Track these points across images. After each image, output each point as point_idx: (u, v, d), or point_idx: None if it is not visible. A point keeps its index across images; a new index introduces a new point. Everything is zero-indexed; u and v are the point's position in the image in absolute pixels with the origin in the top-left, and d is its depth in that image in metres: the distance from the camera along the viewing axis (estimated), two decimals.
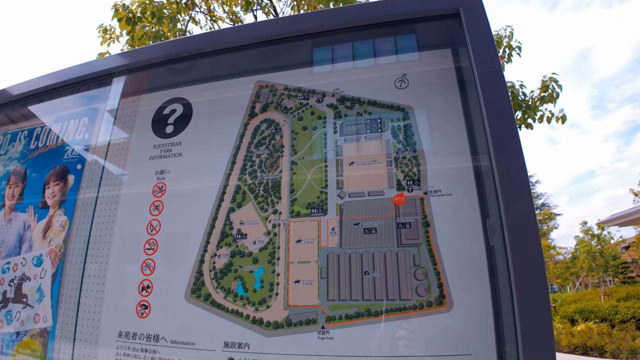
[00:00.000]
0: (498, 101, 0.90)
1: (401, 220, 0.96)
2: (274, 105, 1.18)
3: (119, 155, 1.29)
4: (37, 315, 1.22)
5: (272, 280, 0.99)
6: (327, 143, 1.08)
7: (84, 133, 1.41)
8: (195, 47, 1.28)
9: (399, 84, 1.09)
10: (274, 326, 0.95)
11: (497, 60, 0.95)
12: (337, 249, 0.97)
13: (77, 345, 1.12)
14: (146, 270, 1.11)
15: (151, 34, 5.05)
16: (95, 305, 1.14)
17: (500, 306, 0.84)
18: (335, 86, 1.15)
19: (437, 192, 0.96)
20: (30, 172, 1.47)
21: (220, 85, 1.28)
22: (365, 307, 0.91)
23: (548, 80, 5.68)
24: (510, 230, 0.80)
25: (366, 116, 1.09)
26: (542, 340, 0.74)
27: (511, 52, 5.94)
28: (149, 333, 1.05)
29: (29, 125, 1.58)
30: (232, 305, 1.00)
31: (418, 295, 0.89)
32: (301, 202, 1.04)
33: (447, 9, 1.06)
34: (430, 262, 0.91)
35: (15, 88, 1.57)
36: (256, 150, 1.14)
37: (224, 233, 1.08)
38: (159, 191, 1.19)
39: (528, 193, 0.82)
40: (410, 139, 1.03)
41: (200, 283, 1.04)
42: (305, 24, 1.18)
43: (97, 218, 1.23)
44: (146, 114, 1.32)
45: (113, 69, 1.40)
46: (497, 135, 0.88)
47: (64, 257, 1.23)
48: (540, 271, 0.77)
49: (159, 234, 1.14)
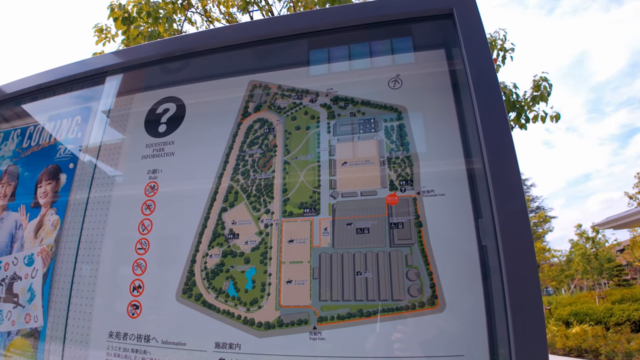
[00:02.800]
0: (491, 101, 0.90)
1: (394, 220, 0.95)
2: (268, 105, 1.18)
3: (111, 155, 1.28)
4: (27, 315, 1.21)
5: (263, 281, 0.98)
6: (320, 143, 1.08)
7: (76, 132, 1.40)
8: (189, 46, 1.27)
9: (393, 84, 1.09)
10: (266, 327, 0.94)
11: (490, 61, 0.95)
12: (329, 249, 0.97)
13: (67, 345, 1.11)
14: (137, 270, 1.10)
15: (146, 34, 5.04)
16: (86, 305, 1.13)
17: (493, 307, 0.84)
18: (329, 86, 1.14)
19: (429, 192, 0.96)
20: (22, 171, 1.46)
21: (214, 84, 1.28)
22: (357, 308, 0.90)
23: (539, 79, 5.74)
24: (503, 231, 0.80)
25: (359, 116, 1.08)
26: (534, 340, 0.74)
27: (505, 55, 5.98)
28: (140, 333, 1.04)
29: (21, 124, 1.57)
30: (223, 306, 0.99)
31: (410, 296, 0.88)
32: (294, 202, 1.04)
33: (440, 9, 1.06)
34: (422, 262, 0.90)
35: (8, 86, 1.56)
36: (249, 150, 1.13)
37: (215, 233, 1.07)
38: (151, 190, 1.18)
39: (521, 193, 0.82)
40: (403, 139, 1.03)
41: (192, 283, 1.04)
42: (299, 23, 1.17)
43: (88, 217, 1.22)
44: (139, 113, 1.31)
45: (106, 67, 1.39)
46: (490, 135, 0.87)
47: (55, 256, 1.22)
48: (532, 271, 0.77)
49: (151, 233, 1.13)
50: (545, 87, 5.62)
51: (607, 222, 13.89)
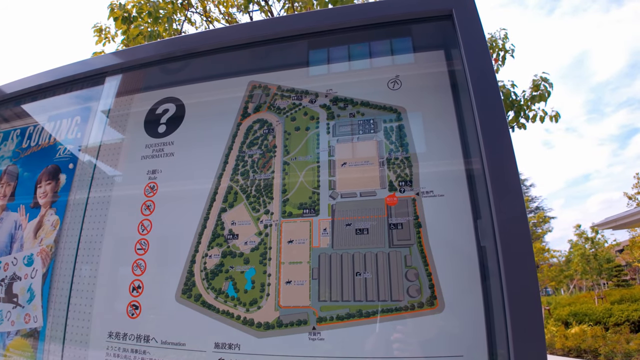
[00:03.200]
0: (490, 102, 0.90)
1: (393, 221, 0.95)
2: (267, 106, 1.18)
3: (111, 155, 1.28)
4: (27, 315, 1.21)
5: (263, 281, 0.98)
6: (320, 143, 1.08)
7: (76, 132, 1.40)
8: (189, 46, 1.27)
9: (392, 85, 1.09)
10: (265, 327, 0.94)
11: (489, 62, 0.95)
12: (328, 250, 0.97)
13: (67, 345, 1.11)
14: (137, 270, 1.10)
15: (146, 34, 5.04)
16: (86, 306, 1.13)
17: (492, 307, 0.84)
18: (328, 87, 1.14)
19: (429, 193, 0.96)
20: (22, 172, 1.46)
21: (213, 85, 1.28)
22: (356, 308, 0.90)
23: (539, 79, 5.71)
24: (502, 231, 0.80)
25: (359, 117, 1.08)
26: (533, 340, 0.74)
27: (505, 55, 5.97)
28: (140, 334, 1.04)
29: (21, 124, 1.57)
30: (222, 306, 0.99)
31: (409, 296, 0.89)
32: (293, 203, 1.04)
33: (440, 10, 1.06)
34: (421, 263, 0.90)
35: (8, 87, 1.56)
36: (248, 151, 1.13)
37: (215, 233, 1.07)
38: (150, 191, 1.18)
39: (520, 194, 0.83)
40: (402, 140, 1.03)
41: (191, 283, 1.04)
42: (299, 24, 1.18)
43: (88, 217, 1.22)
44: (139, 114, 1.31)
45: (106, 68, 1.39)
46: (489, 136, 0.88)
47: (54, 256, 1.22)
48: (531, 272, 0.77)
49: (150, 234, 1.13)
50: (545, 87, 5.61)
51: (607, 222, 13.91)
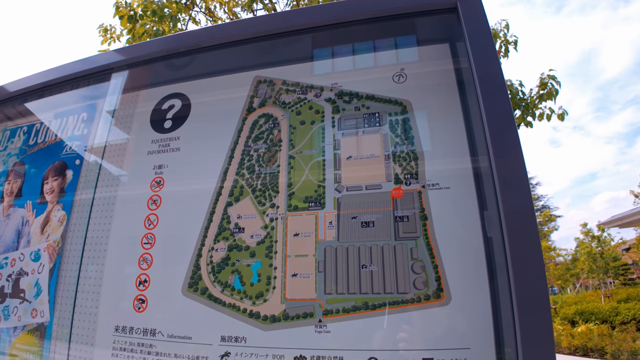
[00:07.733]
0: (495, 94, 0.90)
1: (399, 213, 0.95)
2: (272, 100, 1.18)
3: (117, 151, 1.29)
4: (34, 310, 1.22)
5: (269, 274, 0.98)
6: (325, 137, 1.08)
7: (82, 129, 1.41)
8: (194, 42, 1.28)
9: (397, 78, 1.09)
10: (271, 320, 0.95)
11: (495, 54, 0.94)
12: (334, 243, 0.97)
13: (73, 339, 1.12)
14: (143, 264, 1.10)
15: (152, 32, 5.05)
16: (92, 300, 1.13)
17: (499, 299, 0.83)
18: (333, 81, 1.14)
19: (434, 185, 0.96)
20: (29, 168, 1.47)
21: (219, 80, 1.28)
22: (362, 301, 0.90)
23: (546, 77, 5.65)
24: (508, 223, 0.80)
25: (364, 111, 1.08)
26: (540, 332, 0.74)
27: (507, 47, 5.91)
28: (146, 327, 1.05)
29: (28, 122, 1.58)
30: (229, 299, 0.99)
31: (416, 289, 0.88)
32: (299, 196, 1.04)
33: (444, 3, 1.06)
34: (428, 255, 0.90)
35: (15, 84, 1.57)
36: (254, 145, 1.14)
37: (221, 227, 1.07)
38: (156, 186, 1.18)
39: (526, 186, 0.82)
40: (408, 133, 1.03)
41: (198, 277, 1.04)
42: (303, 18, 1.18)
43: (94, 213, 1.23)
44: (145, 110, 1.32)
45: (112, 64, 1.40)
46: (495, 128, 0.87)
47: (61, 252, 1.23)
48: (538, 264, 0.77)
49: (157, 228, 1.13)
50: (553, 85, 5.55)
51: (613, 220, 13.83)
